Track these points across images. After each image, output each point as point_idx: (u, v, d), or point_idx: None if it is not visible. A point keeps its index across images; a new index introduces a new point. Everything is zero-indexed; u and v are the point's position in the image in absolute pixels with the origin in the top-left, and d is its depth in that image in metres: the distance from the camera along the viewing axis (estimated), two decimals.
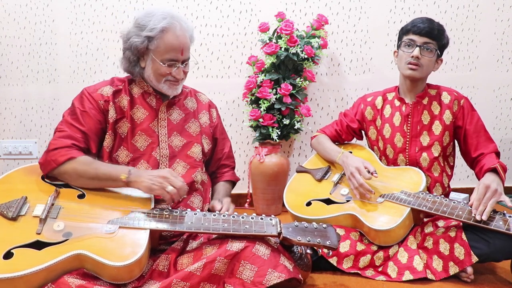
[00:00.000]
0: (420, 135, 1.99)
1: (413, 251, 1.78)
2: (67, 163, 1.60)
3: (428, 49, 1.91)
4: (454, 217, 1.71)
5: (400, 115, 2.03)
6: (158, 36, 1.65)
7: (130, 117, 1.74)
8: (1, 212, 1.50)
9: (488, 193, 1.69)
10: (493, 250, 1.68)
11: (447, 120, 1.97)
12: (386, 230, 1.77)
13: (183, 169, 1.77)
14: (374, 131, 2.12)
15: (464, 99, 1.99)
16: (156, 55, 1.67)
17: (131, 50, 1.70)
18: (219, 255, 1.45)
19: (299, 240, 1.55)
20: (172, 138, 1.78)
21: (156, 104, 1.78)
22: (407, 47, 1.93)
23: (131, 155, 1.72)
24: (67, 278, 1.37)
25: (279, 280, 1.44)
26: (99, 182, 1.61)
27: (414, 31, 1.91)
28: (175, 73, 1.70)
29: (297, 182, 2.17)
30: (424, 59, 1.91)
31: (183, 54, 1.70)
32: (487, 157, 1.88)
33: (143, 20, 1.67)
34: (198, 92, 1.97)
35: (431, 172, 1.98)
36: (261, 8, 2.87)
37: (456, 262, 1.71)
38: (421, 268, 1.73)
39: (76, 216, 1.53)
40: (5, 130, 2.98)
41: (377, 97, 2.13)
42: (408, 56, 1.92)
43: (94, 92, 1.72)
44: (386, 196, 1.88)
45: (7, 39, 2.89)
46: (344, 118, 2.22)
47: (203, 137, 1.86)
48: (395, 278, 1.75)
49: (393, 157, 2.04)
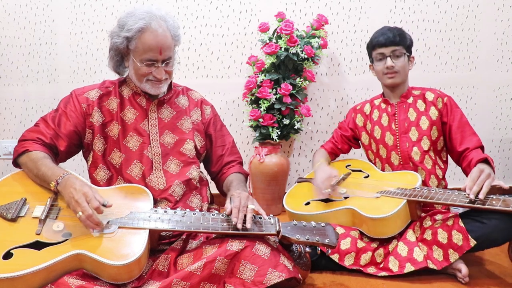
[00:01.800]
0: (409, 131, 2.06)
1: (412, 243, 1.80)
2: (23, 155, 1.65)
3: (398, 55, 2.04)
4: (449, 201, 1.73)
5: (387, 115, 2.13)
6: (136, 36, 1.64)
7: (121, 119, 1.75)
8: (1, 213, 1.51)
9: (483, 175, 1.73)
10: (489, 230, 1.71)
11: (433, 116, 2.04)
12: (382, 218, 1.80)
13: (176, 167, 1.77)
14: (366, 136, 2.21)
15: (447, 97, 2.07)
16: (135, 55, 1.67)
17: (113, 50, 1.72)
18: (219, 254, 1.45)
19: (298, 239, 1.55)
20: (163, 136, 1.78)
21: (146, 104, 1.79)
22: (379, 61, 2.07)
23: (124, 156, 1.72)
24: (67, 278, 1.37)
25: (280, 279, 1.44)
26: (40, 182, 1.61)
27: (379, 45, 2.05)
28: (155, 73, 1.68)
29: (296, 189, 2.25)
30: (397, 65, 2.03)
31: (162, 53, 1.66)
32: (473, 152, 1.93)
33: (123, 21, 1.67)
34: (190, 90, 1.96)
35: (424, 165, 2.03)
36: (261, 8, 2.87)
37: (455, 248, 1.73)
38: (421, 258, 1.75)
39: (76, 216, 1.53)
40: (5, 130, 2.98)
41: (365, 104, 2.26)
42: (383, 68, 2.05)
43: (80, 94, 1.76)
44: (382, 192, 1.92)
45: (7, 39, 2.89)
46: (338, 130, 2.35)
47: (195, 133, 1.85)
48: (397, 272, 1.76)
49: (386, 156, 2.10)
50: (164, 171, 1.74)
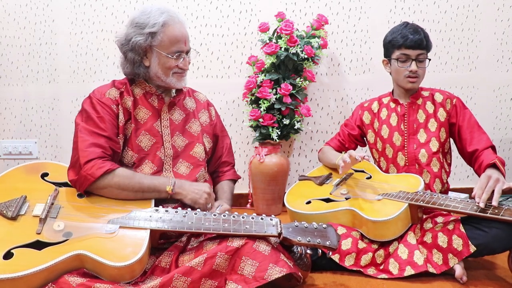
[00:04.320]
0: (417, 133, 2.04)
1: (413, 246, 1.79)
2: (105, 177, 1.58)
3: (421, 60, 2.00)
4: (451, 208, 1.72)
5: (396, 115, 2.10)
6: (161, 31, 1.69)
7: (134, 117, 1.75)
8: (1, 211, 1.50)
9: (491, 182, 1.71)
10: (490, 240, 1.69)
11: (442, 117, 2.03)
12: (383, 221, 1.79)
13: (186, 169, 1.79)
14: (372, 134, 2.18)
15: (456, 98, 2.06)
16: (162, 49, 1.70)
17: (134, 50, 1.71)
18: (219, 250, 1.45)
19: (299, 241, 1.55)
20: (174, 138, 1.80)
21: (158, 104, 1.79)
22: (403, 62, 2.00)
23: (136, 155, 1.72)
24: (67, 277, 1.38)
25: (281, 274, 1.43)
26: (142, 194, 1.62)
27: (407, 46, 1.97)
28: (182, 65, 1.75)
29: (298, 187, 2.22)
30: (420, 70, 2.00)
31: (186, 44, 1.75)
32: (484, 153, 1.90)
33: (141, 19, 1.70)
34: (195, 92, 1.98)
35: (431, 167, 2.01)
36: (261, 8, 2.87)
37: (455, 253, 1.72)
38: (421, 262, 1.74)
39: (76, 215, 1.53)
40: (5, 130, 2.98)
41: (373, 102, 2.21)
42: (405, 71, 1.99)
43: (103, 96, 1.72)
44: (384, 194, 1.90)
45: (7, 39, 2.89)
46: (345, 128, 2.29)
47: (204, 136, 1.88)
48: (396, 275, 1.75)
49: (392, 156, 2.08)
50: (174, 172, 1.76)
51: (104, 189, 1.59)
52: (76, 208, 1.57)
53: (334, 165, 2.14)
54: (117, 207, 1.57)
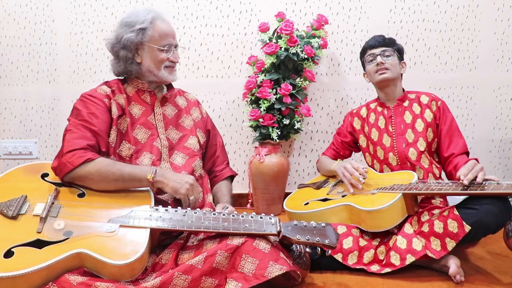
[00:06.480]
0: (405, 133, 2.11)
1: (410, 235, 1.82)
2: (85, 165, 1.59)
3: (388, 55, 2.12)
4: (443, 191, 1.77)
5: (384, 117, 2.18)
6: (150, 26, 1.77)
7: (129, 112, 1.79)
8: (1, 211, 1.50)
9: (477, 166, 1.79)
10: (483, 215, 1.73)
11: (428, 118, 2.10)
12: (377, 210, 1.82)
13: (182, 159, 1.83)
14: (364, 138, 2.25)
15: (441, 101, 2.13)
16: (153, 43, 1.78)
17: (126, 47, 1.78)
18: (219, 248, 1.46)
19: (298, 239, 1.55)
20: (169, 131, 1.85)
21: (151, 100, 1.85)
22: (370, 62, 2.15)
23: (134, 148, 1.76)
24: (68, 276, 1.37)
25: (281, 272, 1.44)
26: (123, 183, 1.63)
27: (370, 47, 2.15)
28: (172, 57, 1.82)
29: (297, 193, 2.30)
30: (387, 63, 2.10)
31: (175, 38, 1.84)
32: (459, 157, 2.00)
33: (130, 18, 1.79)
34: (185, 92, 2.06)
35: (421, 163, 2.07)
36: (261, 8, 2.87)
37: (452, 236, 1.75)
38: (420, 248, 1.77)
39: (77, 214, 1.53)
40: (5, 130, 2.98)
41: (361, 108, 2.30)
42: (374, 67, 2.13)
43: (94, 93, 1.77)
44: (379, 189, 1.96)
45: (7, 39, 2.90)
46: (338, 136, 2.38)
47: (197, 130, 1.94)
48: (399, 265, 1.78)
49: (384, 157, 2.14)
50: (170, 163, 1.80)
51: (85, 178, 1.60)
52: (77, 207, 1.57)
53: (330, 172, 2.22)
54: (117, 206, 1.57)
